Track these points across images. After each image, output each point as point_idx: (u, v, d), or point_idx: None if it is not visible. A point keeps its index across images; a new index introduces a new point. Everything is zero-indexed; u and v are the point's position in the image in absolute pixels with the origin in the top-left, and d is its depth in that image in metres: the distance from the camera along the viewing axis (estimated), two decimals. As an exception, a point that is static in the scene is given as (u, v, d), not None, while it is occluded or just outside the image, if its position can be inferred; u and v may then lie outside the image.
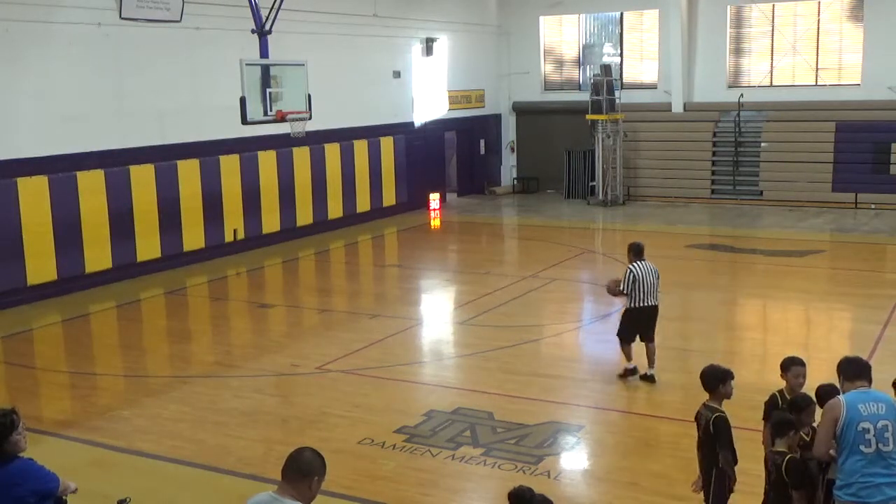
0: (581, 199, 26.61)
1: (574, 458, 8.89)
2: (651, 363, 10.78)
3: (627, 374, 10.92)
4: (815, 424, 6.44)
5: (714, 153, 26.12)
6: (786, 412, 6.23)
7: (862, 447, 5.60)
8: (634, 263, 10.67)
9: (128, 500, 5.79)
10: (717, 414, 6.46)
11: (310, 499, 4.29)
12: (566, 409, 10.14)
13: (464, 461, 8.65)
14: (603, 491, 8.16)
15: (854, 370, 5.94)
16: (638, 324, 10.77)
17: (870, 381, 5.94)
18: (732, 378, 6.64)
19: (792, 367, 6.82)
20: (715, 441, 6.45)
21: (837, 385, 6.19)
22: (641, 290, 10.58)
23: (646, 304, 10.66)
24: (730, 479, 6.55)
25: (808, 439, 6.32)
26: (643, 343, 10.82)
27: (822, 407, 6.35)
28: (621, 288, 10.70)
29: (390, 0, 23.23)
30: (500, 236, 23.59)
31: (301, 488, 4.25)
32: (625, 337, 10.88)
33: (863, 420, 5.61)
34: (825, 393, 6.35)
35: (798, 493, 5.85)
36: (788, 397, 6.73)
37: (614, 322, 14.15)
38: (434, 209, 25.23)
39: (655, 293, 10.71)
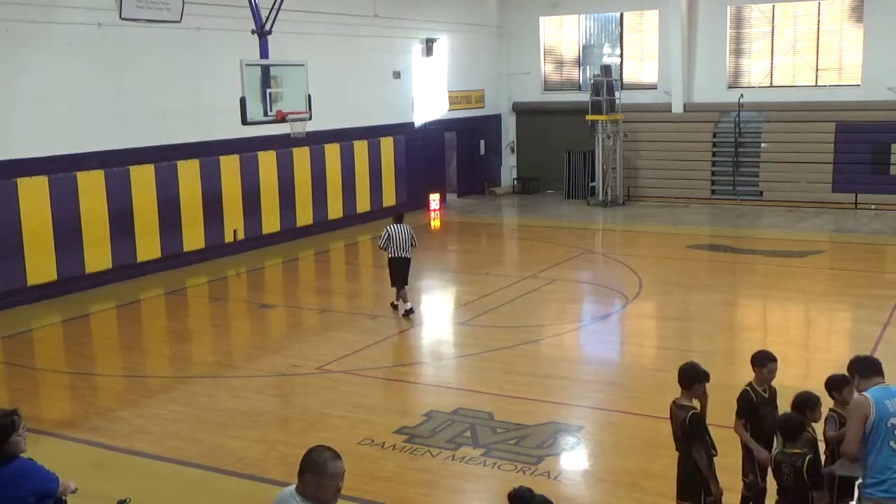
0: (581, 200, 26.60)
1: (574, 459, 8.89)
2: (405, 301, 14.01)
3: (406, 313, 13.94)
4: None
5: (714, 153, 26.11)
6: (793, 414, 6.19)
7: (892, 443, 5.59)
8: (390, 226, 14.20)
9: (128, 500, 5.79)
10: (692, 412, 6.44)
11: (324, 497, 4.23)
12: (566, 410, 10.14)
13: (464, 462, 8.65)
14: (603, 491, 8.16)
15: (869, 367, 5.95)
16: (396, 270, 14.03)
17: (883, 376, 5.93)
18: (707, 381, 6.57)
19: (768, 363, 6.91)
20: (690, 437, 6.43)
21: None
22: (395, 244, 13.97)
23: (398, 255, 13.97)
24: (703, 476, 6.52)
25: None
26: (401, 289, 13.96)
27: (832, 396, 6.36)
28: (380, 244, 14.20)
29: (390, 0, 23.23)
30: (500, 237, 23.59)
31: (309, 487, 4.24)
32: (393, 283, 14.12)
33: (891, 416, 5.61)
34: (838, 382, 6.36)
35: (820, 493, 5.81)
36: (759, 389, 6.87)
37: (615, 323, 14.23)
38: (434, 209, 25.22)
39: (406, 248, 14.02)
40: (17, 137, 15.23)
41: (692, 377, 6.51)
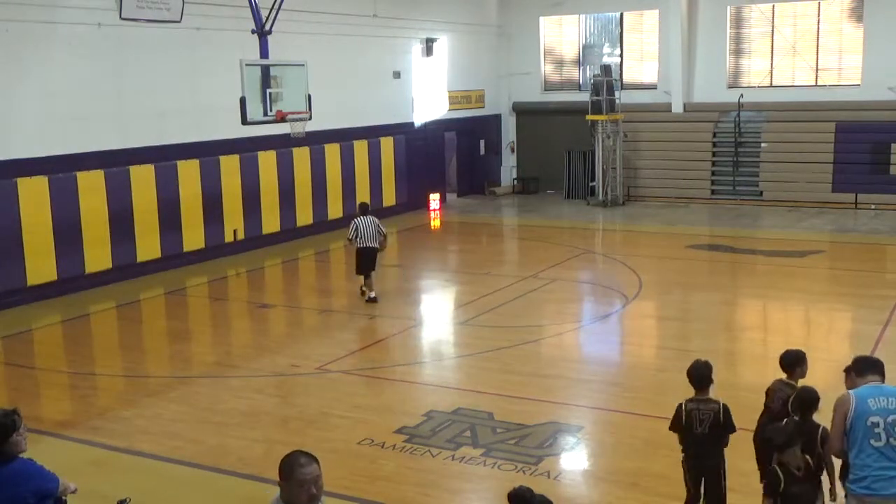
0: (581, 200, 26.60)
1: (574, 459, 8.89)
2: (370, 289, 14.88)
3: (368, 300, 14.88)
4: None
5: (714, 153, 26.11)
6: (789, 423, 6.20)
7: (872, 441, 5.62)
8: (358, 218, 14.96)
9: (128, 500, 5.78)
10: (723, 402, 6.59)
11: (298, 501, 4.20)
12: (566, 410, 10.14)
13: (464, 461, 8.64)
14: (603, 491, 8.15)
15: (865, 365, 5.96)
16: (362, 259, 14.83)
17: (882, 377, 5.93)
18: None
19: (805, 360, 7.00)
20: (725, 429, 6.58)
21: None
22: (362, 236, 14.70)
23: (365, 245, 14.77)
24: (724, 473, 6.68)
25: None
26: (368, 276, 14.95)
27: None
28: (349, 236, 14.90)
29: (390, 0, 23.23)
30: (500, 237, 23.59)
31: (284, 493, 4.22)
32: (359, 272, 14.96)
33: (872, 414, 5.63)
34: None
35: (767, 499, 5.86)
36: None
37: (615, 323, 14.23)
38: (434, 209, 25.22)
39: (372, 239, 14.77)
40: (17, 137, 15.23)
41: (708, 376, 6.67)
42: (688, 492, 6.87)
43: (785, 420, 6.47)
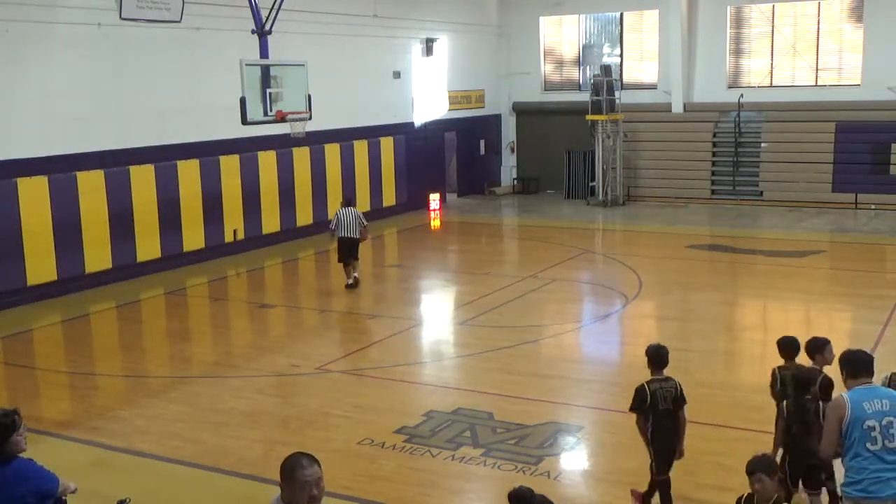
0: (581, 200, 26.60)
1: (574, 459, 8.89)
2: (353, 271, 15.97)
3: (348, 286, 15.89)
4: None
5: (714, 153, 26.11)
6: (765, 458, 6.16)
7: (868, 444, 5.61)
8: (340, 210, 16.14)
9: (128, 500, 5.79)
10: (677, 379, 7.16)
11: (299, 502, 4.20)
12: (566, 410, 10.14)
13: (464, 461, 8.64)
14: (603, 492, 8.15)
15: (856, 367, 5.90)
16: (343, 248, 15.86)
17: (872, 375, 5.91)
18: None
19: (827, 345, 7.17)
20: (682, 402, 7.14)
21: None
22: (342, 226, 15.76)
23: (345, 235, 15.77)
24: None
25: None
26: (352, 263, 15.99)
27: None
28: (330, 226, 16.10)
29: (390, 0, 23.23)
30: (500, 237, 23.59)
31: (285, 495, 4.23)
32: (340, 259, 16.00)
33: (868, 418, 5.62)
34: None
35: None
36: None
37: (615, 323, 14.24)
38: (434, 209, 25.22)
39: (352, 229, 15.77)
40: (17, 137, 15.23)
41: (666, 357, 7.19)
42: (656, 471, 7.23)
43: (794, 411, 6.60)
